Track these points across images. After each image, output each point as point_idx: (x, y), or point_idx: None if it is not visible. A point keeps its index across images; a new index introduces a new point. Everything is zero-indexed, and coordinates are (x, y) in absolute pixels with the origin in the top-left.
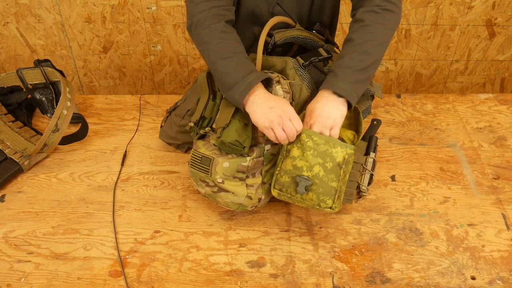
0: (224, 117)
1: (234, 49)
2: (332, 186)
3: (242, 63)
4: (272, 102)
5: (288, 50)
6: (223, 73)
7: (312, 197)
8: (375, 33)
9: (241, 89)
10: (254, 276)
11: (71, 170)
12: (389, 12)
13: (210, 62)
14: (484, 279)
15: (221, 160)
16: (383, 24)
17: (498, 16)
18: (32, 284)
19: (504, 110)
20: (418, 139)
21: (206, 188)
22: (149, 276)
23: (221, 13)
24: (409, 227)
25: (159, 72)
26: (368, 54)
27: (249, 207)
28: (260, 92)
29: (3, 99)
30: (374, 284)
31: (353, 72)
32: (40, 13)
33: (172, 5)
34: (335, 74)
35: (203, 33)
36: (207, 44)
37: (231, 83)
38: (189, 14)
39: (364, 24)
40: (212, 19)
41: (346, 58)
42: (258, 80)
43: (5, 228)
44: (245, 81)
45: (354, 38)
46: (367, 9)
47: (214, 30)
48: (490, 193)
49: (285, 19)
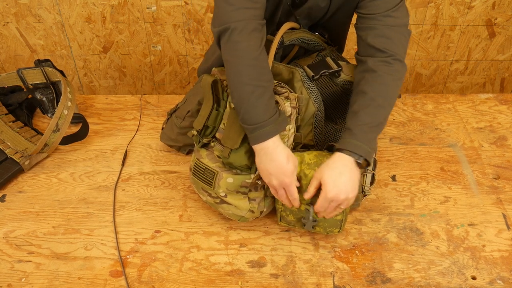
0: (233, 136)
1: (264, 77)
2: (337, 219)
3: (267, 98)
4: (273, 168)
5: (289, 51)
6: (243, 100)
7: (320, 230)
8: (388, 85)
9: (255, 134)
10: (254, 276)
11: (71, 170)
12: (399, 63)
13: (235, 81)
14: (485, 279)
15: (225, 175)
16: (394, 75)
17: (498, 16)
18: (32, 284)
19: (504, 110)
20: (418, 139)
21: (208, 197)
22: (149, 276)
23: (258, 28)
24: (409, 227)
25: (159, 72)
26: (383, 108)
27: (251, 219)
28: (269, 146)
29: (4, 99)
30: (375, 284)
31: (369, 129)
32: (40, 13)
33: (172, 5)
34: (352, 132)
35: (239, 46)
36: (239, 60)
37: (248, 119)
38: (224, 17)
39: (377, 75)
40: (252, 34)
41: (361, 114)
42: (274, 134)
43: (5, 228)
44: (261, 127)
45: (367, 91)
46: (379, 59)
47: (251, 49)
48: (491, 193)
49: (293, 24)
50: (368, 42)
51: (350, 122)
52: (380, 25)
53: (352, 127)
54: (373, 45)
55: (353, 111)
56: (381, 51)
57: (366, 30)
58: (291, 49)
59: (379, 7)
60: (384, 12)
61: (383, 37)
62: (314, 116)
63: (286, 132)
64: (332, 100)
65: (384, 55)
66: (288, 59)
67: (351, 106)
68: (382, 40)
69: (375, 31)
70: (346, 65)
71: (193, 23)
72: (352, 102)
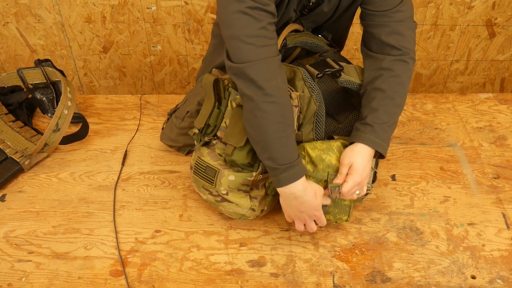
0: (237, 135)
1: (290, 116)
2: (345, 205)
3: (293, 138)
4: (305, 207)
5: (291, 53)
6: (273, 139)
7: (330, 218)
8: (404, 84)
9: (286, 174)
10: (254, 276)
11: (71, 169)
12: (412, 61)
13: (266, 119)
14: (485, 278)
15: (226, 172)
16: (409, 74)
17: (498, 16)
18: (33, 283)
19: (504, 109)
20: (418, 139)
21: (208, 196)
22: (150, 275)
23: (280, 64)
24: (409, 226)
25: (159, 72)
26: (399, 107)
27: (251, 217)
28: (299, 189)
29: (4, 99)
30: (375, 283)
31: (388, 127)
32: (40, 13)
33: (172, 5)
34: (373, 129)
35: (270, 85)
36: (272, 98)
37: (279, 158)
38: (241, 56)
39: (394, 75)
40: (277, 72)
41: (381, 112)
42: (303, 174)
43: (5, 227)
44: (293, 166)
45: (385, 89)
46: (395, 58)
47: (282, 88)
48: (490, 193)
49: (298, 26)
50: (382, 39)
51: (370, 118)
52: (392, 22)
53: (374, 124)
54: (388, 42)
55: (372, 107)
56: (396, 49)
57: (379, 28)
58: (293, 51)
59: (388, 3)
60: (393, 8)
61: (396, 34)
62: (315, 115)
63: None
64: (333, 99)
65: (399, 53)
66: (289, 60)
67: (369, 101)
68: (396, 38)
69: (388, 28)
70: (347, 65)
71: (193, 23)
72: (369, 97)
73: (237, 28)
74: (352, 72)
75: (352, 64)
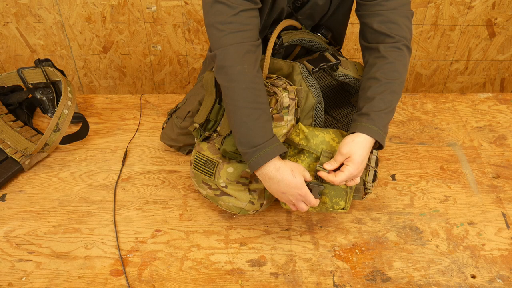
0: (227, 125)
1: (260, 99)
2: (341, 188)
3: (264, 121)
4: (283, 187)
5: (291, 51)
6: (241, 124)
7: (326, 200)
8: (399, 71)
9: (255, 157)
10: (254, 275)
11: (72, 169)
12: (407, 48)
13: (231, 105)
14: (484, 278)
15: (225, 165)
16: (404, 61)
17: (498, 16)
18: (33, 283)
19: (504, 109)
20: (418, 138)
21: (208, 190)
22: (150, 275)
23: (252, 50)
24: (409, 226)
25: (159, 72)
26: (396, 94)
27: (251, 211)
28: (271, 169)
29: (4, 99)
30: (375, 283)
31: (385, 115)
32: (40, 13)
33: (172, 5)
34: (370, 118)
35: (233, 70)
36: (234, 84)
37: (246, 142)
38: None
39: (388, 62)
40: (245, 57)
41: (377, 100)
42: (273, 156)
43: (6, 227)
44: (261, 149)
45: (380, 78)
46: (389, 45)
47: (245, 72)
48: (490, 192)
49: (294, 22)
50: (375, 28)
51: (366, 108)
52: (384, 10)
53: (370, 112)
54: (380, 30)
55: (368, 96)
56: (390, 37)
57: (371, 17)
58: (293, 49)
59: None
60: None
61: (389, 23)
62: (314, 109)
63: (284, 123)
64: (332, 98)
65: (392, 40)
66: (290, 59)
67: (365, 91)
68: (389, 26)
69: (380, 17)
70: (346, 60)
71: (193, 23)
72: (365, 87)
73: (212, 17)
74: (350, 67)
75: (351, 60)
